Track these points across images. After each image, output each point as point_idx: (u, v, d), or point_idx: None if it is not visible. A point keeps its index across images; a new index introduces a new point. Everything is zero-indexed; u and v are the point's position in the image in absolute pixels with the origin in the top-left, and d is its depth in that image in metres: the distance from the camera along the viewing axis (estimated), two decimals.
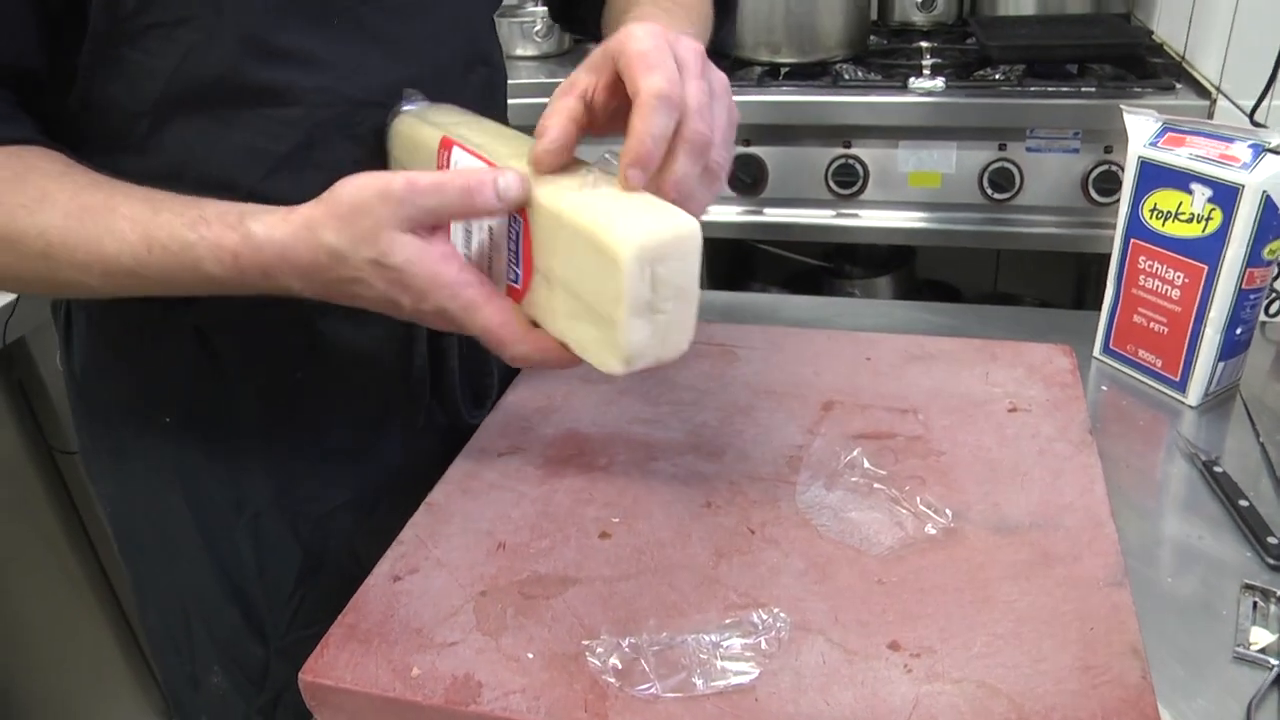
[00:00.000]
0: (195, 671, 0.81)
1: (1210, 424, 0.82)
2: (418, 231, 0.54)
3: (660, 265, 0.52)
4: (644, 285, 0.52)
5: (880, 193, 1.54)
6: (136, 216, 0.57)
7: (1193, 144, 0.79)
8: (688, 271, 0.54)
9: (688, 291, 0.54)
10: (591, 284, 0.54)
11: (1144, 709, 0.50)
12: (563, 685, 0.54)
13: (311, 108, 0.65)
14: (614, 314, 0.52)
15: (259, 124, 0.64)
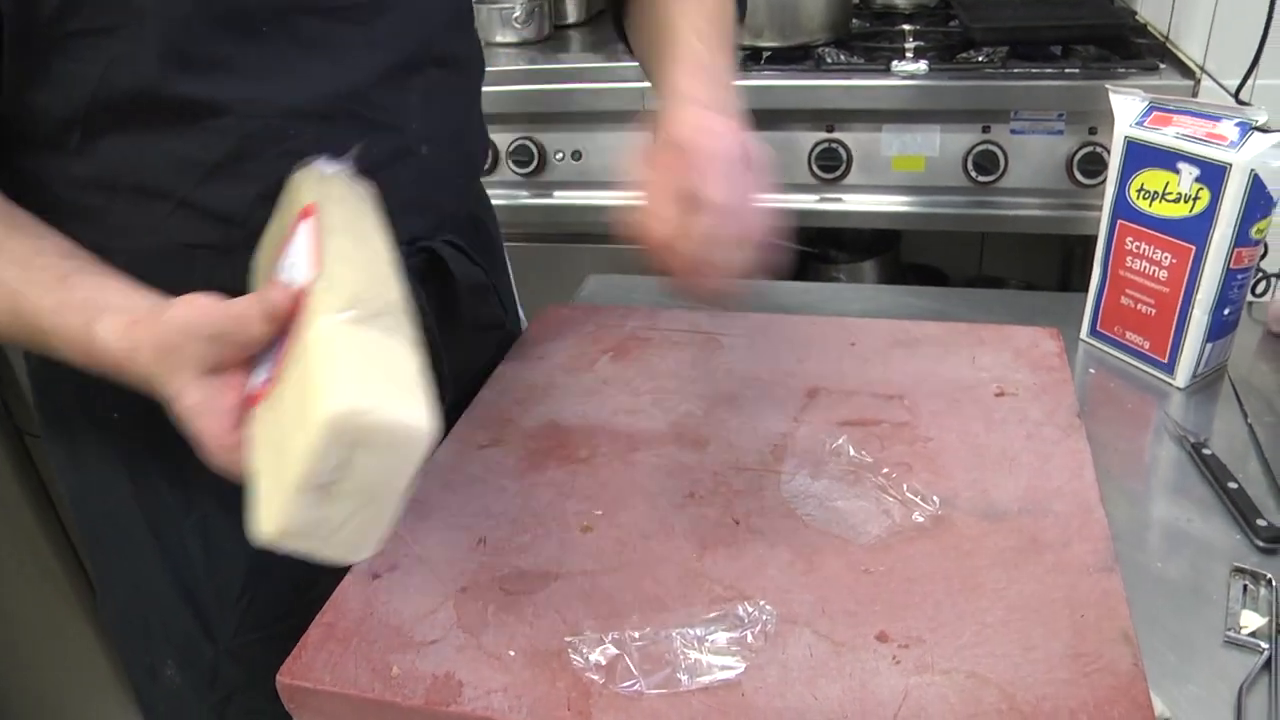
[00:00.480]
0: (152, 663, 0.81)
1: (1198, 406, 0.82)
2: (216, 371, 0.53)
3: (362, 451, 0.44)
4: (329, 462, 0.44)
5: (864, 177, 1.52)
6: (6, 280, 0.58)
7: (1179, 123, 0.78)
8: (392, 475, 0.46)
9: (381, 498, 0.47)
10: (291, 431, 0.46)
11: (1135, 696, 0.50)
12: (545, 683, 0.53)
13: (240, 119, 0.64)
14: (285, 475, 0.45)
15: (189, 134, 0.63)
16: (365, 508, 0.46)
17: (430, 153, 0.75)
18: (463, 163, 0.83)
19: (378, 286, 0.52)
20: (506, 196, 1.64)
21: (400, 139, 0.72)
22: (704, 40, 0.72)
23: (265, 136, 0.65)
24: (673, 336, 0.85)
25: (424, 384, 0.48)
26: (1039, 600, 0.56)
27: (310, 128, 0.66)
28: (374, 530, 0.48)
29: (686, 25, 0.73)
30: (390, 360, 0.48)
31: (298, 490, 0.44)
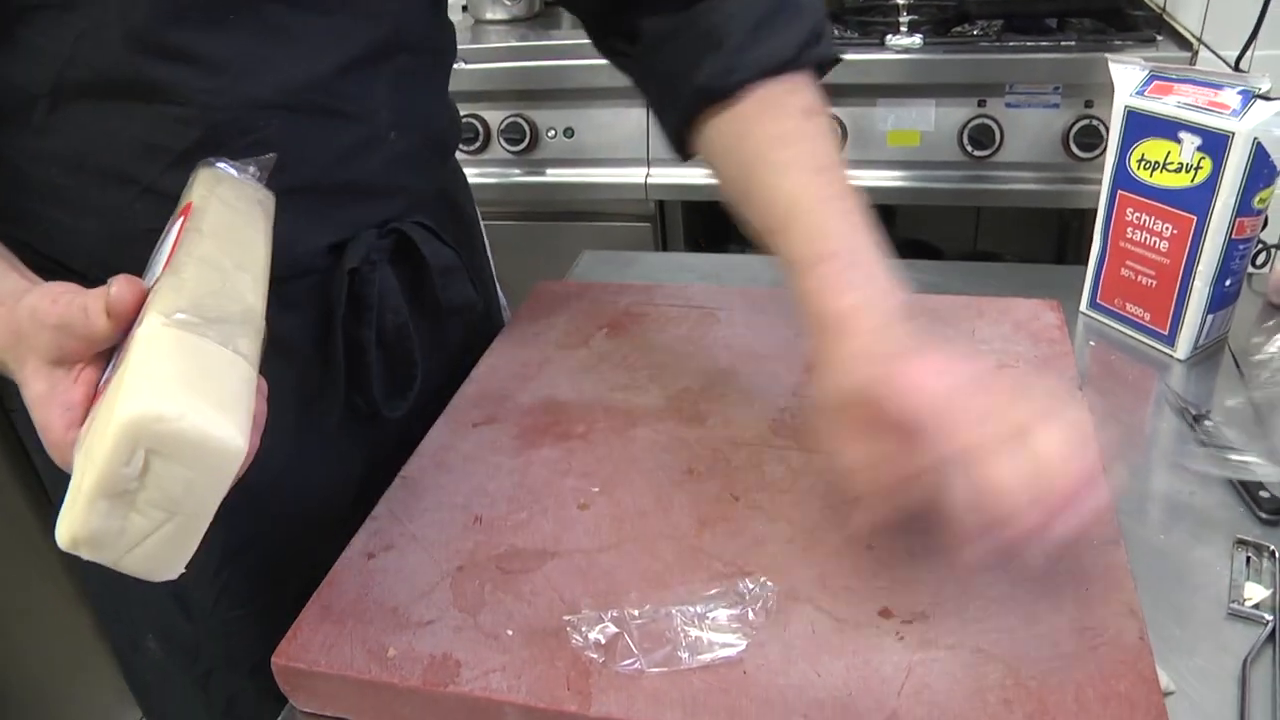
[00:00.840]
0: (134, 637, 0.81)
1: (1199, 377, 0.81)
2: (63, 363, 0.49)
3: (163, 461, 0.41)
4: (128, 468, 0.40)
5: (859, 152, 1.51)
6: None
7: (1180, 92, 0.77)
8: (198, 492, 0.42)
9: (188, 515, 0.43)
10: (100, 433, 0.42)
11: (1142, 670, 0.49)
12: (544, 663, 0.52)
13: (206, 109, 0.62)
14: (86, 479, 0.41)
15: (155, 120, 0.62)
16: (169, 523, 0.42)
17: (398, 138, 0.73)
18: (432, 145, 0.80)
19: (228, 295, 0.49)
20: (498, 174, 1.63)
21: (368, 128, 0.70)
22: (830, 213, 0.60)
23: (233, 127, 0.64)
24: (669, 312, 0.84)
25: (248, 402, 0.45)
26: (1043, 574, 0.55)
27: (277, 118, 0.65)
28: (180, 550, 0.44)
29: (800, 191, 0.61)
30: (215, 371, 0.44)
31: (93, 496, 0.41)
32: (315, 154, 0.68)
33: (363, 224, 0.73)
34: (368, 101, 0.70)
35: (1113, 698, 0.48)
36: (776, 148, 0.63)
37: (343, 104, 0.68)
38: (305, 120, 0.66)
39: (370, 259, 0.73)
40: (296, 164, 0.66)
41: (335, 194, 0.71)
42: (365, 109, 0.70)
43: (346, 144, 0.69)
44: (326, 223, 0.71)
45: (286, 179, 0.66)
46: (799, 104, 0.65)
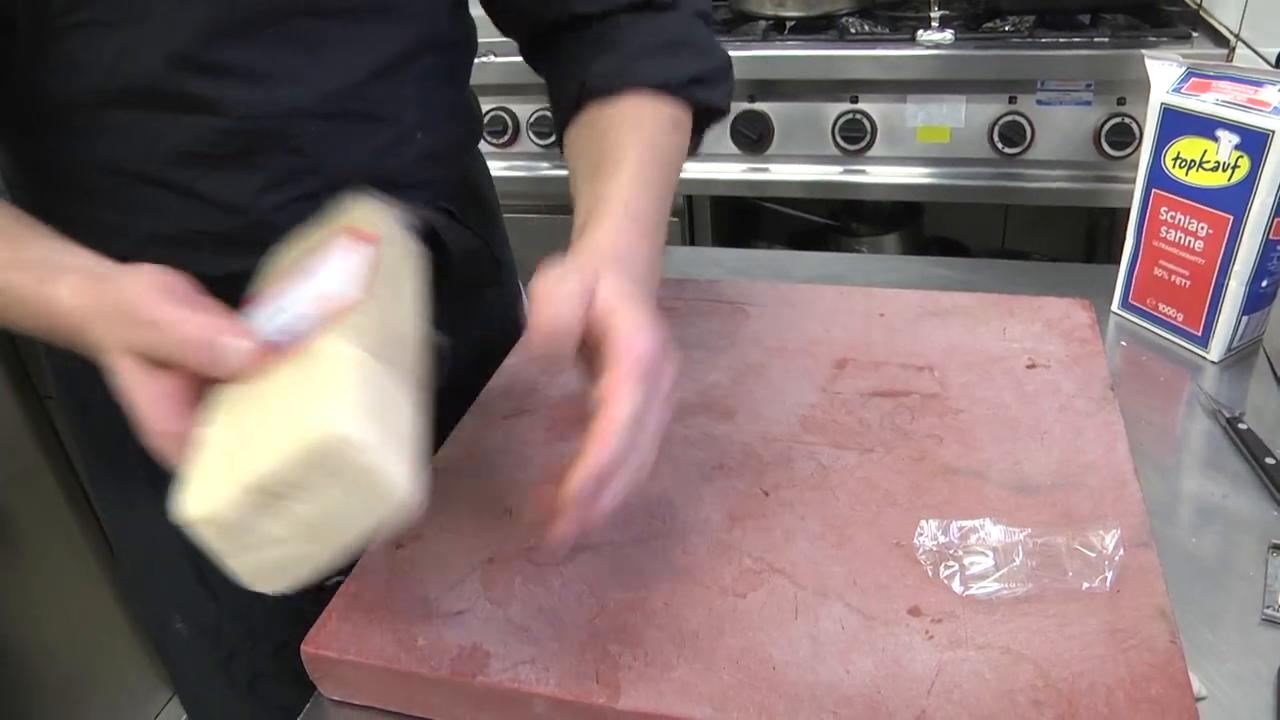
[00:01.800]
0: (163, 616, 0.82)
1: (1233, 379, 0.80)
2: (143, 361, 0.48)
3: (333, 483, 0.41)
4: (295, 476, 0.40)
5: (888, 148, 1.51)
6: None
7: (1219, 89, 0.76)
8: (347, 521, 0.42)
9: (324, 540, 0.43)
10: (267, 427, 0.42)
11: (1173, 674, 0.49)
12: (573, 655, 0.52)
13: (244, 119, 0.64)
14: (240, 467, 0.41)
15: (193, 130, 0.63)
16: (302, 542, 0.42)
17: (424, 137, 0.74)
18: (456, 139, 0.82)
19: (398, 343, 0.50)
20: (527, 168, 1.64)
21: (397, 129, 0.72)
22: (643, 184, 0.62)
23: (270, 135, 0.65)
24: (699, 307, 0.84)
25: (419, 454, 0.44)
26: (1074, 580, 0.55)
27: (313, 125, 0.67)
28: (292, 573, 0.44)
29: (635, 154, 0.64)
30: (395, 415, 0.44)
31: (247, 488, 0.41)
32: (348, 157, 0.69)
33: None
34: (396, 104, 0.71)
35: (1144, 701, 0.47)
36: (628, 124, 0.67)
37: (373, 108, 0.69)
38: (339, 126, 0.68)
39: None
40: (330, 165, 0.68)
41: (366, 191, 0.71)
42: (394, 111, 0.71)
43: (377, 146, 0.71)
44: None
45: (321, 180, 0.68)
46: (670, 115, 0.69)
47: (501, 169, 1.63)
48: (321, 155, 0.68)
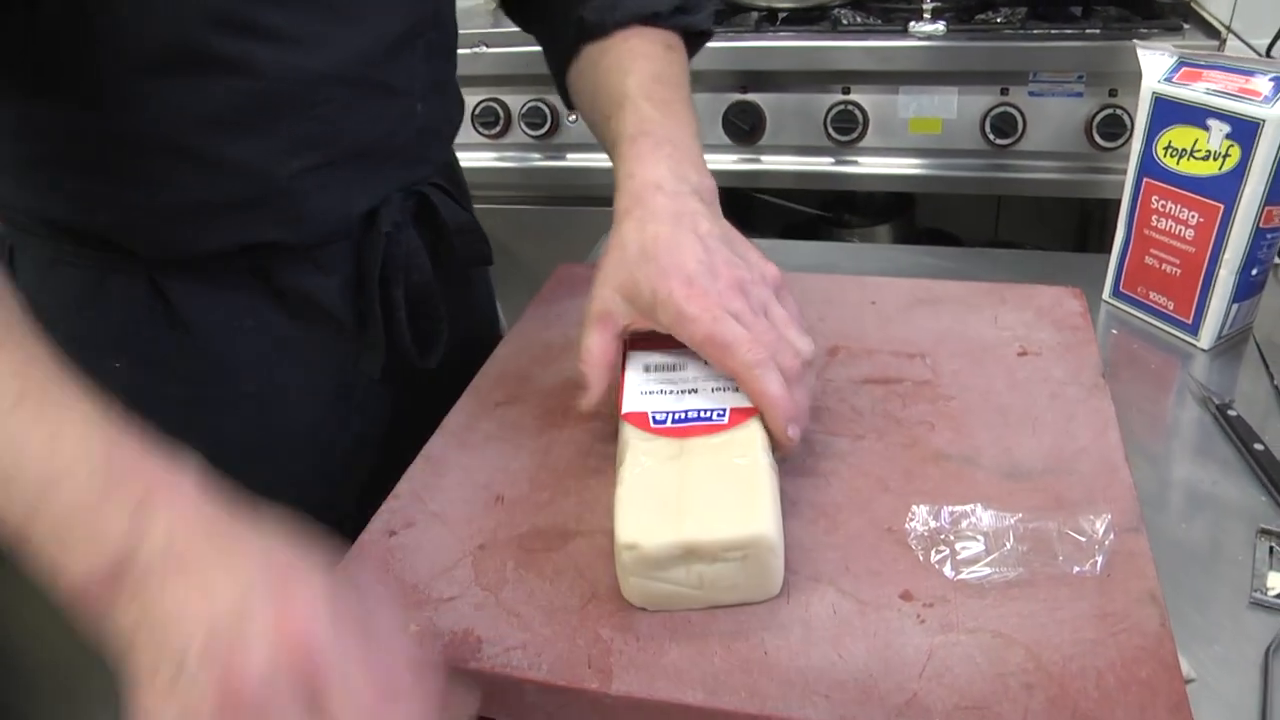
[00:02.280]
0: None
1: (1223, 367, 0.81)
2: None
3: (744, 567, 0.52)
4: (719, 551, 0.51)
5: (880, 139, 1.51)
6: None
7: (1210, 78, 0.77)
8: (725, 594, 0.53)
9: (702, 599, 0.54)
10: (709, 495, 0.53)
11: (1163, 657, 0.49)
12: (565, 641, 0.52)
13: (271, 81, 0.66)
14: (679, 531, 0.51)
15: (216, 93, 0.64)
16: (689, 589, 0.53)
17: (424, 111, 0.78)
18: (449, 117, 0.86)
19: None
20: (519, 159, 1.63)
21: (405, 101, 0.76)
22: (657, 105, 0.70)
23: (293, 99, 0.67)
24: None
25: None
26: (1064, 563, 0.55)
27: (335, 92, 0.69)
28: (669, 602, 0.53)
29: (635, 87, 0.71)
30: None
31: (680, 545, 0.51)
32: (365, 126, 0.72)
33: (393, 189, 0.77)
34: (407, 76, 0.74)
35: (1134, 684, 0.48)
36: (628, 58, 0.73)
37: (388, 77, 0.72)
38: (357, 93, 0.71)
39: (397, 220, 0.77)
40: (348, 133, 0.71)
41: (376, 161, 0.75)
42: (404, 83, 0.74)
43: (387, 115, 0.74)
44: (365, 189, 0.75)
45: (339, 148, 0.71)
46: (663, 40, 0.76)
47: (493, 160, 1.63)
48: (341, 122, 0.70)
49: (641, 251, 0.60)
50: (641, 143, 0.67)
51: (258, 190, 0.69)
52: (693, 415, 0.59)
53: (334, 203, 0.73)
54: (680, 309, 0.57)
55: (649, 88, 0.71)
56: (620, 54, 0.74)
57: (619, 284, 0.61)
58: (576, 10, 0.76)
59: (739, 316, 0.57)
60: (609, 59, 0.75)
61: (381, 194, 0.77)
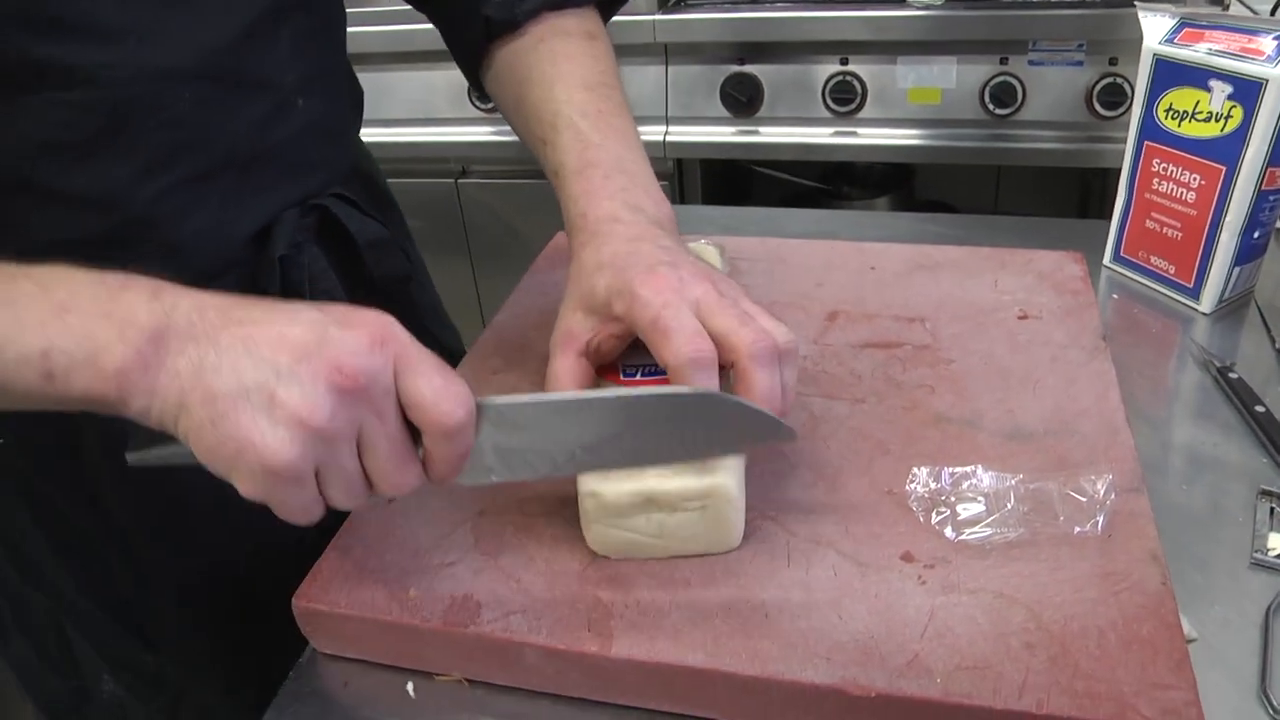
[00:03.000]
0: (84, 685, 0.75)
1: (1224, 331, 0.80)
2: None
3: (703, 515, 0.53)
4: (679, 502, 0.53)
5: (879, 110, 1.50)
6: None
7: (1212, 38, 0.76)
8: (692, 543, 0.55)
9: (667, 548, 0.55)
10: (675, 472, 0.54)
11: (1164, 615, 0.49)
12: (565, 605, 0.52)
13: (108, 87, 0.57)
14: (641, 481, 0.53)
15: (49, 111, 0.56)
16: (647, 537, 0.54)
17: (306, 106, 0.69)
18: (338, 114, 0.77)
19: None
20: (513, 133, 1.62)
21: (276, 95, 0.67)
22: (594, 122, 0.64)
23: (140, 105, 0.59)
24: None
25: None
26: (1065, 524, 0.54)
27: (188, 91, 0.60)
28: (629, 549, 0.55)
29: (565, 103, 0.65)
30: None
31: (641, 492, 0.53)
32: (229, 127, 0.64)
33: (283, 203, 0.70)
34: (273, 66, 0.66)
35: (1135, 642, 0.47)
36: (550, 64, 0.67)
37: (250, 70, 0.64)
38: (216, 91, 0.62)
39: (295, 240, 0.70)
40: (213, 139, 0.63)
41: (254, 170, 0.67)
42: (271, 75, 0.66)
43: (258, 114, 0.66)
44: (249, 204, 0.68)
45: (205, 158, 0.63)
46: (580, 28, 0.70)
47: (489, 135, 1.62)
48: (201, 127, 0.62)
49: (598, 266, 0.57)
50: (590, 176, 0.62)
51: (115, 221, 0.60)
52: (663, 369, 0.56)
53: (210, 226, 0.64)
54: (634, 291, 0.53)
55: (581, 102, 0.65)
56: (540, 61, 0.68)
57: (578, 300, 0.57)
58: (479, 7, 0.69)
59: (701, 300, 0.53)
60: (528, 67, 0.68)
61: (269, 211, 0.69)
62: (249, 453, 0.44)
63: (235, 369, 0.44)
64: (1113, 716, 0.44)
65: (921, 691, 0.46)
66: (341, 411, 0.45)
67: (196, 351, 0.44)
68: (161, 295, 0.46)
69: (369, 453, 0.47)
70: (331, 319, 0.46)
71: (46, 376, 0.44)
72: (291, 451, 0.44)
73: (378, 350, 0.46)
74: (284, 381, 0.44)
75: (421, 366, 0.47)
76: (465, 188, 1.69)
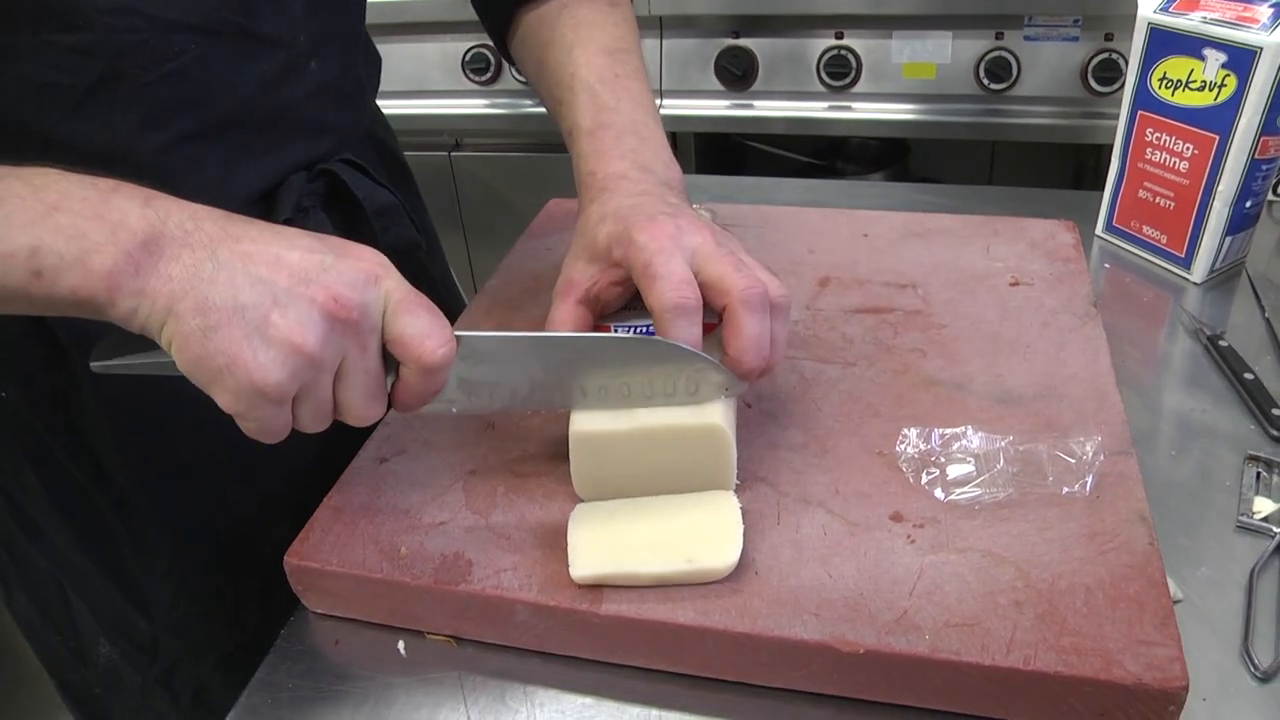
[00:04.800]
0: (81, 646, 0.76)
1: (1215, 300, 0.80)
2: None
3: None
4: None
5: (873, 84, 1.49)
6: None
7: (1207, 6, 0.76)
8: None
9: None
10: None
11: (1151, 574, 0.49)
12: (556, 562, 0.52)
13: (110, 33, 0.56)
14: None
15: (49, 54, 0.55)
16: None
17: (319, 68, 0.69)
18: (353, 79, 0.76)
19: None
20: (510, 105, 1.61)
21: (288, 54, 0.66)
22: (610, 86, 0.65)
23: (142, 54, 0.58)
24: None
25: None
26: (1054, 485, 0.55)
27: (194, 43, 0.60)
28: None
29: (585, 67, 0.66)
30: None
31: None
32: (236, 83, 0.63)
33: (291, 166, 0.69)
34: (285, 23, 0.65)
35: (1122, 600, 0.48)
36: (571, 29, 0.68)
37: (259, 25, 0.63)
38: (223, 45, 0.62)
39: (302, 205, 0.70)
40: (218, 95, 0.63)
41: (261, 129, 0.67)
42: (283, 32, 0.65)
43: (268, 72, 0.65)
44: (255, 165, 0.67)
45: (210, 114, 0.62)
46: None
47: (484, 107, 1.61)
48: (204, 82, 0.61)
49: (602, 218, 0.58)
50: (601, 136, 0.63)
51: (116, 174, 0.54)
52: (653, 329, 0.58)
53: (215, 184, 0.64)
54: (632, 237, 0.54)
55: (600, 66, 0.66)
56: (562, 26, 0.69)
57: (580, 250, 0.58)
58: None
59: (698, 248, 0.54)
60: (551, 31, 0.69)
61: (276, 172, 0.68)
62: (238, 368, 0.45)
63: (232, 284, 0.45)
64: (1099, 672, 0.44)
65: (910, 648, 0.46)
66: (331, 340, 0.46)
67: (192, 259, 0.45)
68: (153, 202, 0.46)
69: (343, 382, 0.48)
70: (329, 247, 0.48)
71: (35, 274, 0.44)
72: (280, 373, 0.45)
73: (372, 285, 0.47)
74: (280, 304, 0.45)
75: (409, 303, 0.49)
76: (459, 160, 1.68)
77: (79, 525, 0.70)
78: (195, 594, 0.73)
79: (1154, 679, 0.44)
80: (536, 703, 0.51)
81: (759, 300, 0.53)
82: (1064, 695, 0.45)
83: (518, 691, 0.51)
